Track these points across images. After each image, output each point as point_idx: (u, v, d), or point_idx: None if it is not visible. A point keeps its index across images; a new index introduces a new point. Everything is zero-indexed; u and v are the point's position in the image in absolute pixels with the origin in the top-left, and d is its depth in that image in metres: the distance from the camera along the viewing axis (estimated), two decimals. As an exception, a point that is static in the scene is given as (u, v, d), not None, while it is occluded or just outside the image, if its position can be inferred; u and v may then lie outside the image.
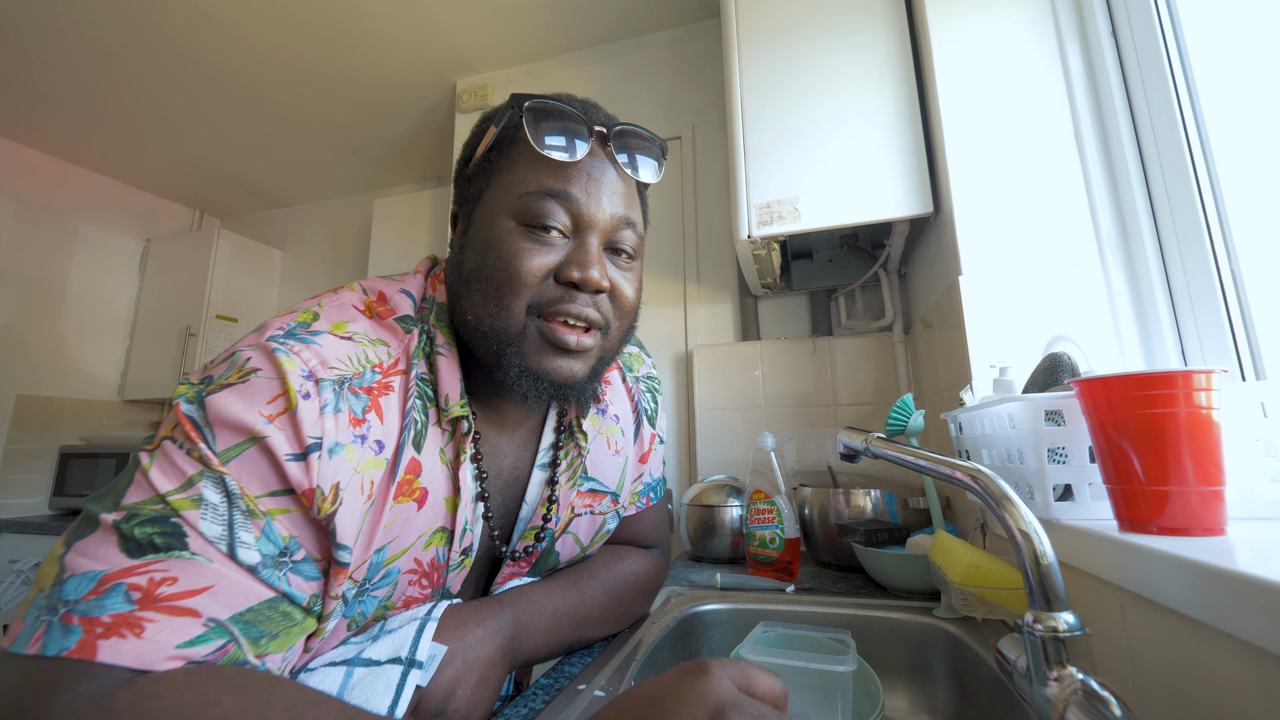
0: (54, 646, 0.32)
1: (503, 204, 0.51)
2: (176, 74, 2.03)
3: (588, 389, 0.55)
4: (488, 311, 0.50)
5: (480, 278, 0.50)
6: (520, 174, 0.51)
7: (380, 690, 0.43)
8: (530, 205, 0.49)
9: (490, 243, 0.50)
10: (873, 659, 0.72)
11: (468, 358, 0.54)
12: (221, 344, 2.61)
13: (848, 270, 1.50)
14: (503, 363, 0.50)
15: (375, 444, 0.46)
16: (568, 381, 0.51)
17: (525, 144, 0.51)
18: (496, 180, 0.52)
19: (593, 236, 0.51)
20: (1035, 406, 0.56)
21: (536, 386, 0.51)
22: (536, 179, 0.50)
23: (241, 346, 0.43)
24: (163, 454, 0.39)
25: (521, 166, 0.51)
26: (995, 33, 0.98)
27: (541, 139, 0.49)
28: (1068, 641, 0.36)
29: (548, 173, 0.50)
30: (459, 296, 0.53)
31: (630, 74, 1.89)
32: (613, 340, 0.55)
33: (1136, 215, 0.83)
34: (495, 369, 0.51)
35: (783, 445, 1.39)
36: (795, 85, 1.18)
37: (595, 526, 0.66)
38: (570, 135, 0.50)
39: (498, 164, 0.53)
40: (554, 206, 0.50)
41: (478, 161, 0.54)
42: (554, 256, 0.50)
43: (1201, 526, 0.42)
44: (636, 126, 0.54)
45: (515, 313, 0.49)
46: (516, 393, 0.51)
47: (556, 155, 0.49)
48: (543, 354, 0.50)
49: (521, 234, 0.50)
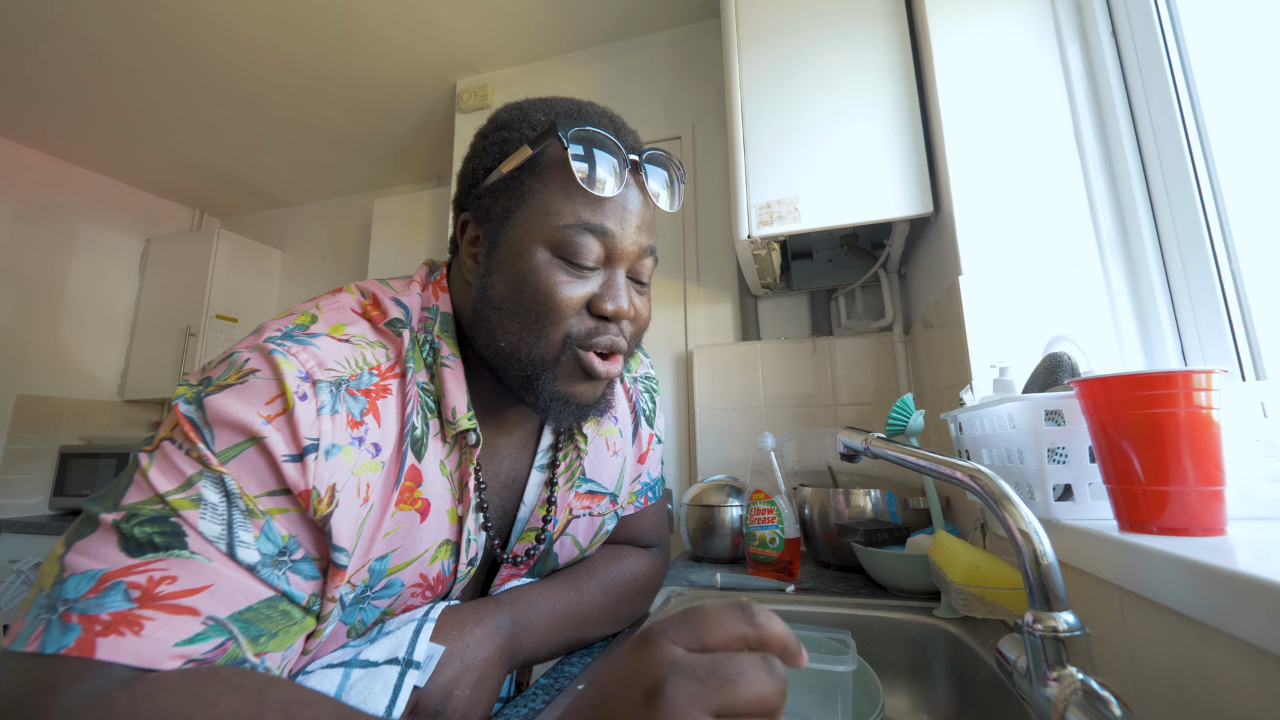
0: (53, 644, 0.32)
1: (537, 233, 0.50)
2: (176, 74, 2.03)
3: (606, 405, 0.57)
4: (525, 340, 0.50)
5: (517, 308, 0.50)
6: (556, 203, 0.50)
7: (378, 691, 0.43)
8: (569, 239, 0.49)
9: (525, 274, 0.50)
10: (873, 659, 0.72)
11: (469, 367, 0.54)
12: (221, 344, 2.61)
13: (848, 270, 1.50)
14: (535, 387, 0.51)
15: (372, 446, 0.46)
16: (592, 402, 0.54)
17: (560, 170, 0.50)
18: (527, 204, 0.51)
19: (621, 267, 0.52)
20: (1035, 406, 0.56)
21: (565, 409, 0.53)
22: (574, 211, 0.49)
23: (240, 348, 0.44)
24: (162, 454, 0.39)
25: (557, 195, 0.50)
26: (995, 33, 0.98)
27: (585, 172, 0.48)
28: (1068, 641, 0.36)
29: (585, 205, 0.50)
30: (488, 322, 0.52)
31: (630, 74, 1.89)
32: (627, 358, 0.56)
33: (1136, 215, 0.83)
34: (525, 391, 0.52)
35: (783, 445, 1.39)
36: (795, 85, 1.18)
37: (594, 528, 0.66)
38: (610, 167, 0.49)
39: (529, 186, 0.51)
40: (591, 241, 0.50)
41: (503, 178, 0.52)
42: (588, 288, 0.50)
43: (1201, 526, 0.42)
44: (663, 152, 0.53)
45: (553, 342, 0.50)
46: (546, 415, 0.53)
47: (597, 188, 0.48)
48: (574, 379, 0.52)
49: (558, 266, 0.50)
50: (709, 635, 0.28)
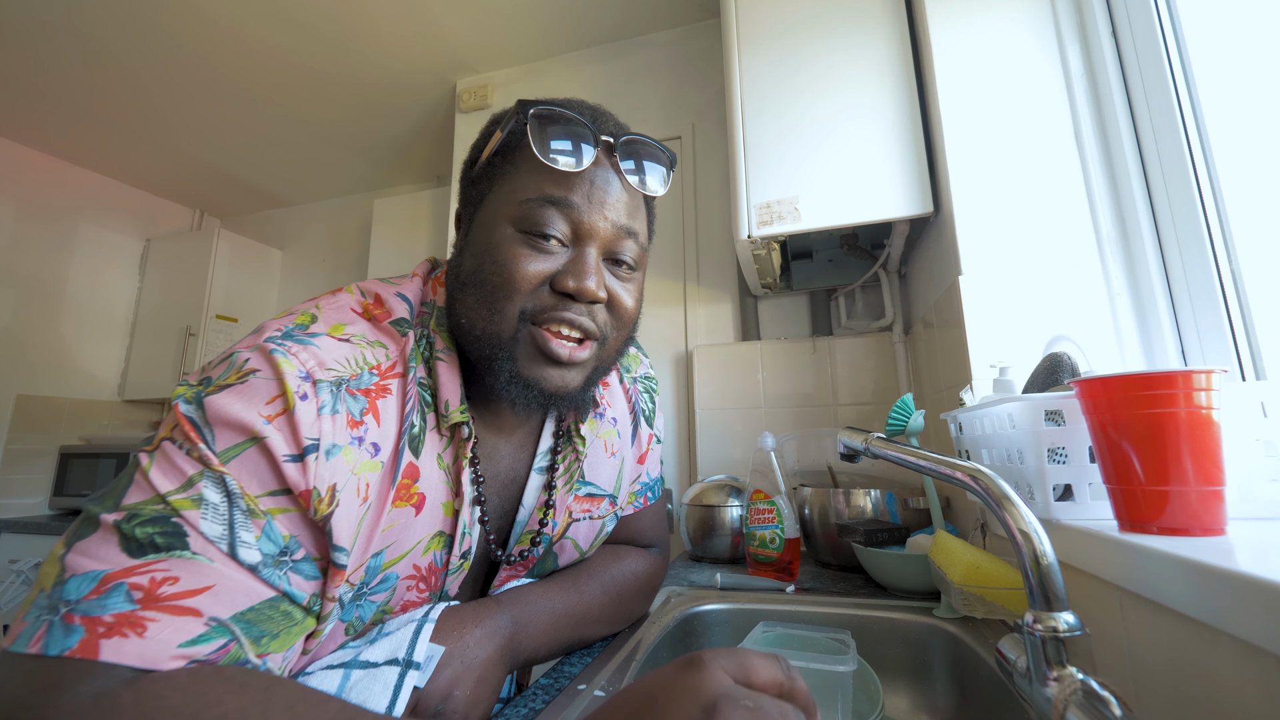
0: (56, 646, 0.32)
1: (503, 210, 0.50)
2: (176, 74, 2.03)
3: (582, 398, 0.55)
4: (480, 315, 0.50)
5: (476, 281, 0.50)
6: (523, 180, 0.50)
7: (377, 691, 0.43)
8: (530, 212, 0.49)
9: (488, 247, 0.50)
10: (873, 659, 0.72)
11: (466, 362, 0.54)
12: (221, 344, 2.61)
13: (848, 270, 1.50)
14: (494, 367, 0.50)
15: (372, 446, 0.46)
16: (559, 391, 0.51)
17: (529, 150, 0.50)
18: (499, 185, 0.52)
19: (592, 246, 0.50)
20: (1035, 406, 0.56)
21: (526, 394, 0.50)
22: (538, 186, 0.49)
23: (240, 348, 0.43)
24: (162, 454, 0.39)
25: (524, 172, 0.50)
26: (995, 33, 0.98)
27: (545, 145, 0.48)
28: (1068, 641, 0.36)
29: (550, 180, 0.49)
30: (455, 299, 0.52)
31: (630, 74, 1.89)
32: (610, 350, 0.54)
33: (1136, 215, 0.83)
34: (487, 373, 0.51)
35: (783, 445, 1.39)
36: (795, 85, 1.18)
37: (594, 531, 0.66)
38: (575, 143, 0.49)
39: (501, 169, 0.52)
40: (553, 214, 0.49)
41: (482, 165, 0.54)
42: (551, 264, 0.49)
43: (1201, 526, 0.42)
44: (645, 137, 0.53)
45: (508, 317, 0.49)
46: (505, 399, 0.51)
47: (560, 163, 0.48)
48: (534, 362, 0.50)
49: (519, 240, 0.49)
50: (754, 674, 0.32)
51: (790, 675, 0.33)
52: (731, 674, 0.31)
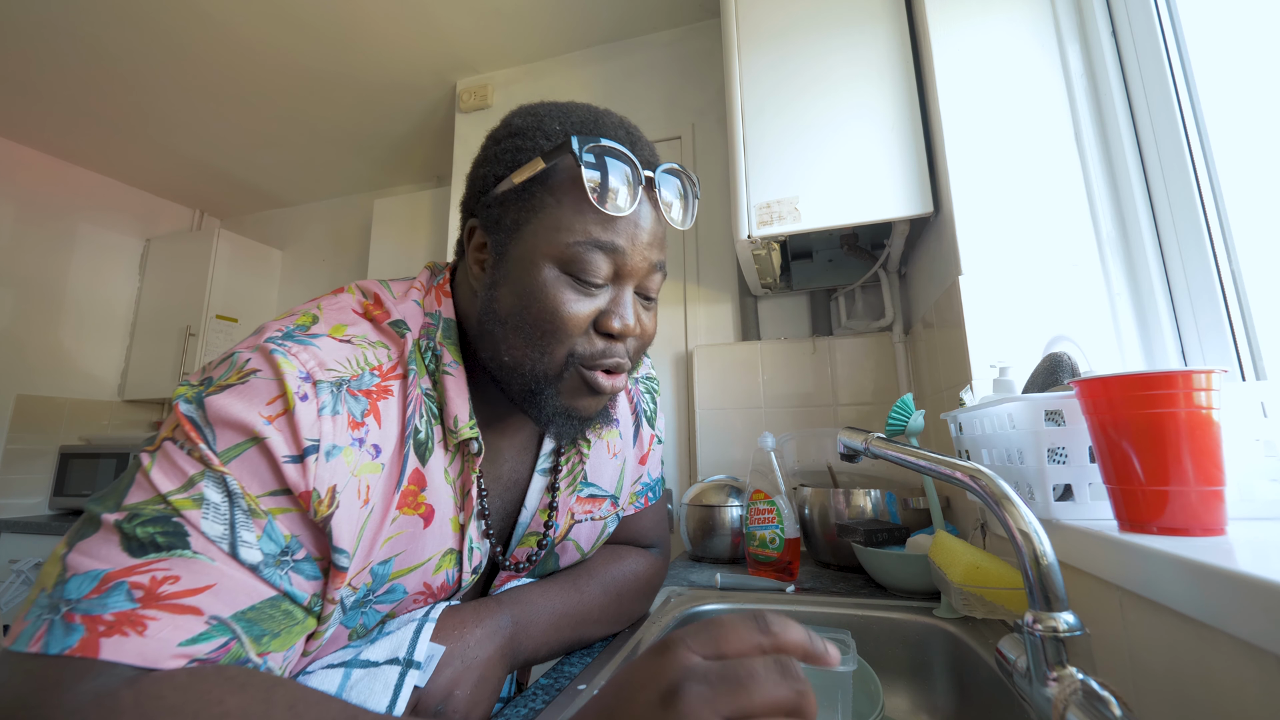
0: (56, 645, 0.32)
1: (546, 249, 0.49)
2: (176, 74, 2.03)
3: (606, 416, 0.57)
4: (529, 356, 0.50)
5: (522, 323, 0.49)
6: (567, 218, 0.48)
7: (378, 691, 0.43)
8: (579, 256, 0.48)
9: (533, 289, 0.49)
10: (873, 659, 0.72)
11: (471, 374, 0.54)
12: (221, 344, 2.61)
13: (848, 270, 1.50)
14: (538, 402, 0.51)
15: (373, 448, 0.46)
16: (592, 416, 0.54)
17: (573, 185, 0.48)
18: (537, 218, 0.49)
19: (630, 284, 0.51)
20: (1035, 406, 0.56)
21: (569, 424, 0.53)
22: (585, 228, 0.48)
23: (240, 348, 0.43)
24: (163, 454, 0.39)
25: (569, 210, 0.49)
26: (995, 33, 0.98)
27: (600, 190, 0.47)
28: (1068, 641, 0.36)
29: (596, 222, 0.48)
30: (492, 335, 0.51)
31: (630, 74, 1.89)
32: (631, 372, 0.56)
33: (1136, 215, 0.83)
34: (527, 406, 0.52)
35: (783, 445, 1.39)
36: (795, 85, 1.18)
37: (596, 532, 0.66)
38: (625, 184, 0.48)
39: (540, 199, 0.49)
40: (601, 259, 0.49)
41: (514, 188, 0.50)
42: (595, 305, 0.50)
43: (1201, 526, 0.42)
44: (679, 167, 0.53)
45: (557, 359, 0.50)
46: (548, 429, 0.53)
47: (610, 208, 0.47)
48: (577, 395, 0.51)
49: (566, 283, 0.49)
50: (724, 644, 0.30)
51: (770, 630, 0.30)
52: (700, 650, 0.29)
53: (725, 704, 0.27)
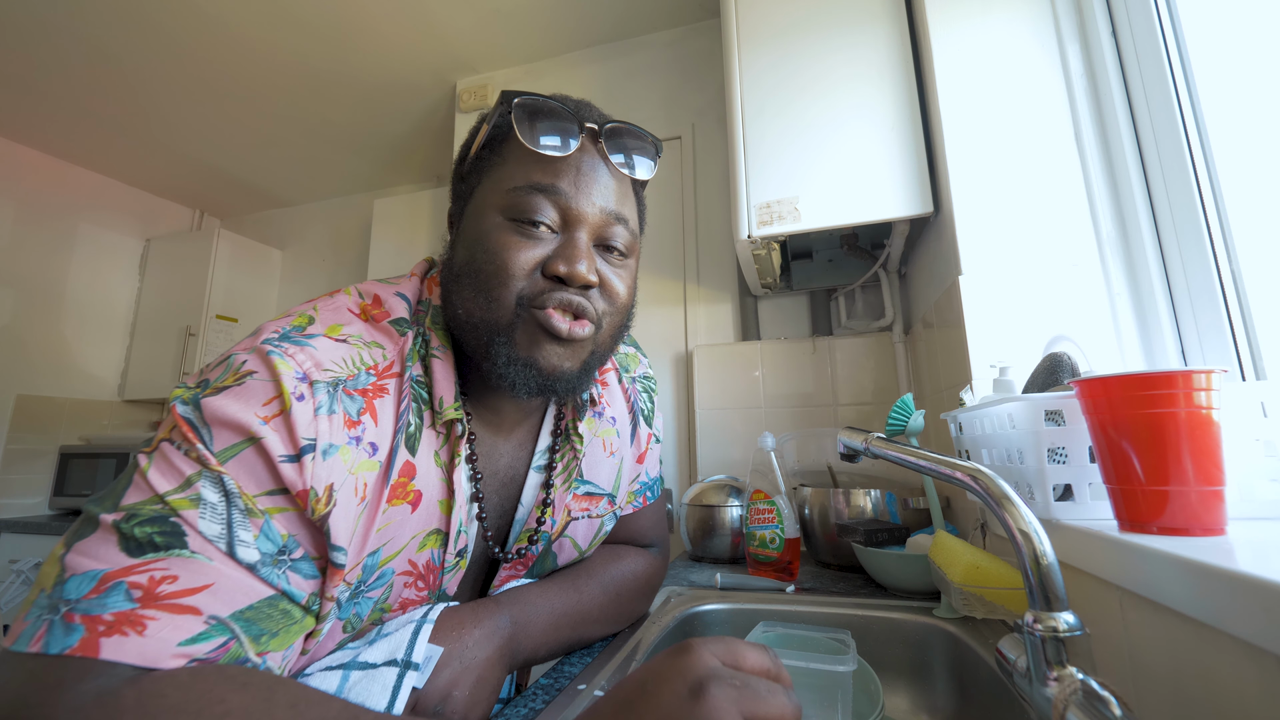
0: (56, 645, 0.32)
1: (492, 199, 0.51)
2: (176, 74, 2.03)
3: (579, 384, 0.53)
4: (477, 304, 0.50)
5: (470, 272, 0.50)
6: (510, 170, 0.51)
7: (376, 692, 0.43)
8: (518, 200, 0.50)
9: (479, 237, 0.50)
10: (873, 659, 0.72)
11: (462, 359, 0.54)
12: (221, 344, 2.61)
13: (848, 270, 1.50)
14: (491, 353, 0.50)
15: (369, 446, 0.46)
16: (556, 372, 0.50)
17: (516, 140, 0.51)
18: (487, 177, 0.53)
19: (581, 231, 0.50)
20: (1035, 406, 0.56)
21: (525, 374, 0.49)
22: (525, 174, 0.50)
23: (237, 350, 0.44)
24: (161, 455, 0.39)
25: (511, 163, 0.51)
26: (995, 33, 0.98)
27: (531, 134, 0.49)
28: (1068, 641, 0.36)
29: (536, 168, 0.50)
30: (450, 292, 0.53)
31: (630, 74, 1.89)
32: (605, 336, 0.54)
33: (1136, 215, 0.83)
34: (484, 360, 0.51)
35: (783, 445, 1.39)
36: (795, 85, 1.18)
37: (593, 530, 0.66)
38: (560, 131, 0.50)
39: (489, 161, 0.53)
40: (542, 201, 0.49)
41: (471, 160, 0.55)
42: (542, 250, 0.49)
43: (1201, 526, 0.42)
44: (629, 124, 0.53)
45: (504, 304, 0.49)
46: (504, 383, 0.50)
47: (545, 150, 0.49)
48: (534, 342, 0.49)
49: (509, 228, 0.50)
50: (742, 659, 0.34)
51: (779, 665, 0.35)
52: (720, 657, 0.33)
53: (746, 705, 0.30)
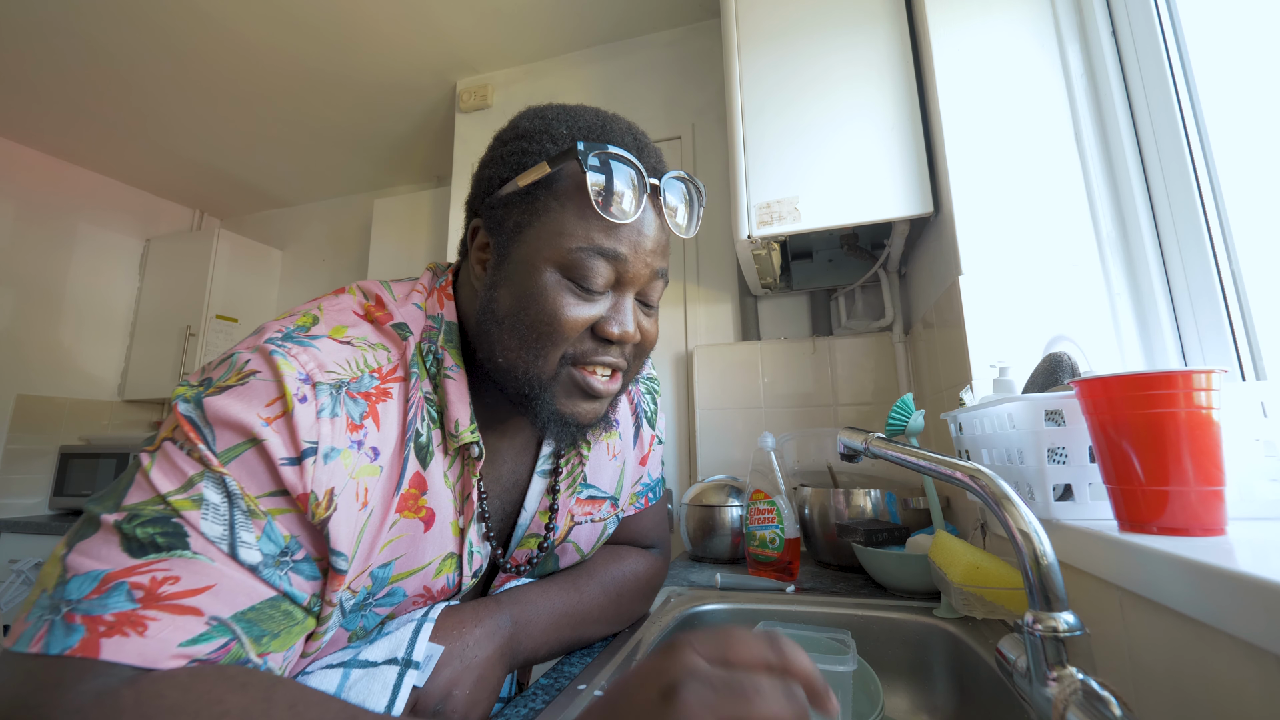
0: (57, 645, 0.32)
1: (548, 253, 0.48)
2: (176, 74, 2.03)
3: (606, 421, 0.57)
4: (523, 358, 0.49)
5: (519, 325, 0.49)
6: (570, 224, 0.48)
7: (376, 691, 0.43)
8: (580, 261, 0.48)
9: (532, 292, 0.48)
10: (873, 659, 0.72)
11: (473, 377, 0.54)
12: (221, 344, 2.61)
13: (848, 270, 1.50)
14: (533, 406, 0.51)
15: (371, 450, 0.45)
16: (593, 422, 0.53)
17: (577, 191, 0.48)
18: (540, 221, 0.49)
19: (631, 291, 0.51)
20: (1035, 406, 0.56)
21: (564, 429, 0.52)
22: (587, 233, 0.48)
23: (240, 349, 0.43)
24: (163, 455, 0.39)
25: (572, 215, 0.48)
26: (995, 33, 0.98)
27: (604, 196, 0.47)
28: (1068, 641, 0.36)
29: (599, 228, 0.48)
30: (489, 335, 0.51)
31: (630, 74, 1.89)
32: (631, 375, 0.56)
33: (1136, 215, 0.83)
34: (524, 409, 0.52)
35: (783, 445, 1.39)
36: (795, 85, 1.18)
37: (596, 533, 0.66)
38: (629, 192, 0.48)
39: (544, 203, 0.49)
40: (603, 265, 0.48)
41: (519, 191, 0.50)
42: (594, 311, 0.49)
43: (1201, 526, 0.42)
44: (685, 175, 0.52)
45: (550, 361, 0.49)
46: (546, 433, 0.53)
47: (614, 215, 0.47)
48: (572, 398, 0.51)
49: (566, 288, 0.48)
50: (731, 652, 0.30)
51: (780, 650, 0.30)
52: (707, 654, 0.30)
53: (725, 709, 0.26)
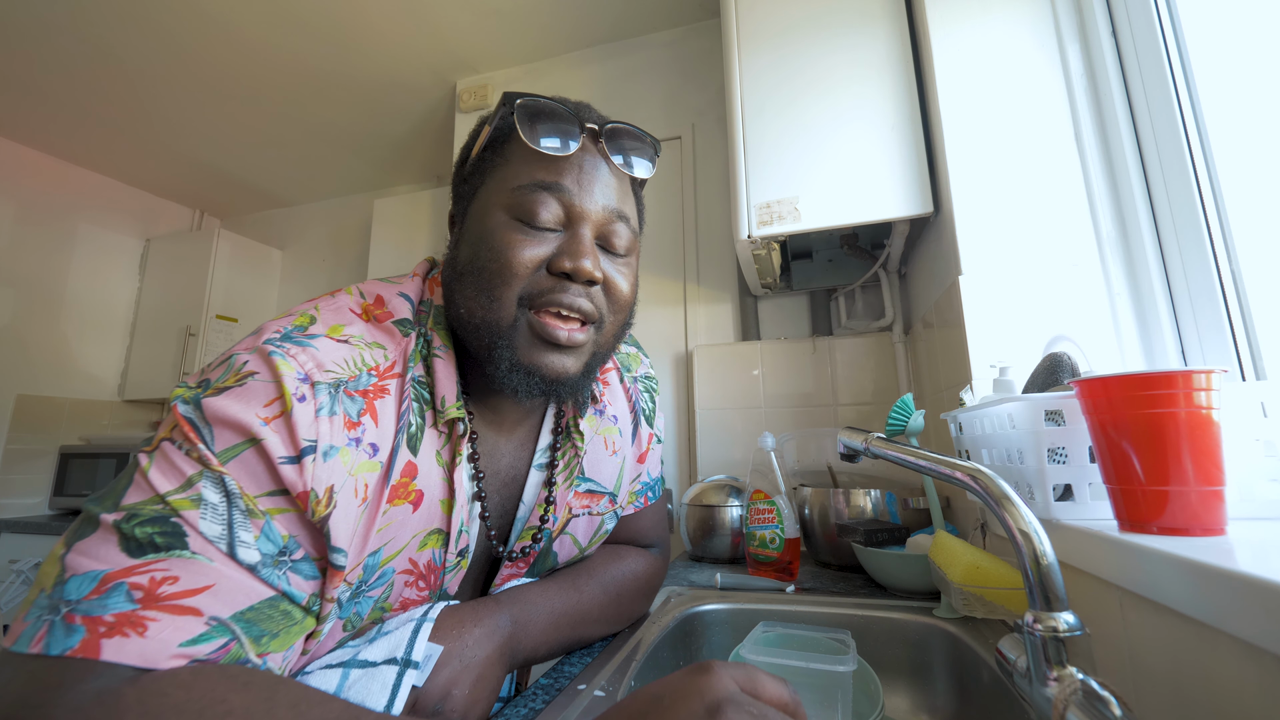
0: (57, 646, 0.32)
1: (496, 199, 0.51)
2: (177, 74, 2.03)
3: (581, 386, 0.54)
4: (479, 304, 0.50)
5: (473, 270, 0.50)
6: (513, 169, 0.51)
7: (376, 690, 0.43)
8: (522, 198, 0.50)
9: (483, 235, 0.51)
10: (873, 659, 0.72)
11: (464, 358, 0.54)
12: (221, 344, 2.61)
13: (848, 270, 1.50)
14: (494, 356, 0.50)
15: (370, 447, 0.46)
16: (559, 377, 0.51)
17: (518, 141, 0.51)
18: (490, 177, 0.53)
19: (585, 228, 0.51)
20: (1035, 406, 0.56)
21: (528, 381, 0.50)
22: (529, 172, 0.51)
23: (238, 350, 0.44)
24: (162, 455, 0.39)
25: (515, 162, 0.52)
26: (995, 33, 0.98)
27: (533, 134, 0.50)
28: (1068, 641, 0.36)
29: (539, 166, 0.51)
30: (453, 291, 0.53)
31: (630, 74, 1.89)
32: (607, 335, 0.54)
33: (1136, 215, 0.83)
34: (487, 363, 0.51)
35: (783, 445, 1.39)
36: (795, 85, 1.18)
37: (593, 527, 0.66)
38: (562, 131, 0.51)
39: (491, 162, 0.53)
40: (546, 198, 0.50)
41: (473, 161, 0.55)
42: (546, 248, 0.50)
43: (1201, 526, 0.42)
44: (628, 124, 0.54)
45: (506, 304, 0.49)
46: (507, 388, 0.51)
47: (548, 150, 0.50)
48: (534, 348, 0.50)
49: (514, 226, 0.50)
50: (761, 688, 0.33)
51: (797, 702, 0.34)
52: (740, 683, 0.32)
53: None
